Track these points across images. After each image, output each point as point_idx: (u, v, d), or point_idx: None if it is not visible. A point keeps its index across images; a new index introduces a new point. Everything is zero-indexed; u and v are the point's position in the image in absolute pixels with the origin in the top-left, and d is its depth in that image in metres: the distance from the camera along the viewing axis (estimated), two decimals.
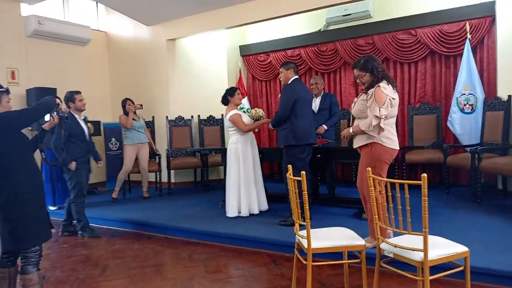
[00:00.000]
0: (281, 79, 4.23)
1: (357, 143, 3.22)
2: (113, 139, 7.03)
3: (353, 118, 3.27)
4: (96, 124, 6.68)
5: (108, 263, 3.56)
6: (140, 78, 7.09)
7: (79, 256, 3.82)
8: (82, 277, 3.27)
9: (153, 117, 6.66)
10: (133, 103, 5.88)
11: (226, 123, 4.56)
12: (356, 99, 3.24)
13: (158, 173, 6.25)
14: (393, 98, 3.00)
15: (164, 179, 6.28)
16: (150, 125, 6.63)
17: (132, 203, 5.65)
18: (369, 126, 2.97)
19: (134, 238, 4.35)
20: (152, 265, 3.47)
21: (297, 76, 4.16)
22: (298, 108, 4.02)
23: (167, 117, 6.61)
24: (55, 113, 3.88)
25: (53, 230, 4.04)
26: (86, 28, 6.91)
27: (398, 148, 3.15)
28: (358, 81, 3.17)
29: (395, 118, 3.19)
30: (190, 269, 3.31)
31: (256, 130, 4.68)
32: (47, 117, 3.84)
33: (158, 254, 3.77)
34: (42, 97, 2.82)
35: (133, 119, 5.83)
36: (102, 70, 7.45)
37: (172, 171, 6.40)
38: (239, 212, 4.48)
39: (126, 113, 5.82)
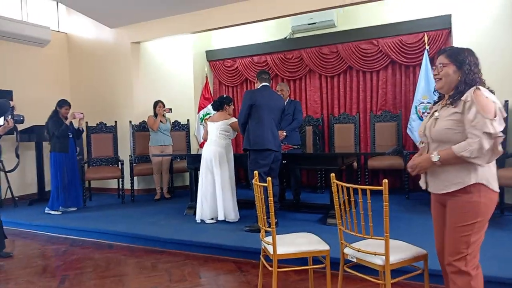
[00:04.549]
0: None
1: (446, 184, 1.99)
2: None
3: (431, 145, 2.09)
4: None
5: (67, 274, 3.41)
6: (103, 81, 6.90)
7: (36, 267, 3.63)
8: None
9: (115, 121, 6.48)
10: (163, 105, 6.07)
11: (223, 126, 4.53)
12: (436, 113, 2.08)
13: (120, 179, 6.08)
14: (500, 109, 1.90)
15: (127, 186, 6.11)
16: (112, 130, 6.45)
17: (93, 211, 5.45)
18: (479, 150, 1.83)
19: (95, 247, 4.19)
20: (114, 275, 3.35)
21: (264, 84, 4.26)
22: (254, 114, 4.08)
23: (130, 122, 6.45)
24: (9, 116, 3.71)
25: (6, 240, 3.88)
26: (46, 28, 6.65)
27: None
28: (435, 73, 2.10)
29: None
30: (154, 278, 3.23)
31: None
32: (0, 121, 3.67)
33: (120, 263, 3.65)
34: None
35: (161, 121, 6.01)
36: (62, 72, 7.17)
37: (135, 178, 6.24)
38: (225, 217, 4.43)
39: (156, 115, 6.04)
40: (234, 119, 4.59)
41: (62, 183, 5.28)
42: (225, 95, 4.97)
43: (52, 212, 5.28)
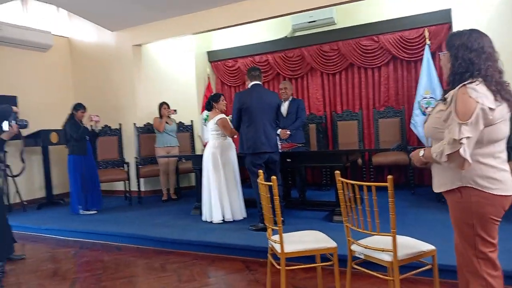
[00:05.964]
0: None
1: (437, 184, 1.92)
2: None
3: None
4: (62, 132, 6.45)
5: (77, 277, 3.45)
6: (105, 84, 6.94)
7: (46, 270, 3.67)
8: None
9: (120, 124, 6.51)
10: (168, 107, 6.13)
11: (211, 126, 4.50)
12: (429, 109, 2.03)
13: (127, 182, 6.12)
14: (490, 108, 1.68)
15: (134, 187, 6.16)
16: (117, 132, 6.48)
17: (100, 213, 5.49)
18: (441, 154, 1.72)
19: (104, 249, 4.23)
20: (123, 276, 3.39)
21: (255, 82, 4.13)
22: (245, 117, 4.03)
23: (134, 124, 6.48)
24: (13, 121, 3.71)
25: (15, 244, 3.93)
26: (47, 33, 6.69)
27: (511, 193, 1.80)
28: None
29: (502, 142, 1.79)
30: (163, 279, 3.26)
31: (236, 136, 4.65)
32: (5, 127, 3.68)
33: (129, 265, 3.69)
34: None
35: (166, 122, 6.08)
36: (64, 77, 7.22)
37: (141, 180, 6.28)
38: (223, 217, 4.44)
39: (161, 116, 6.12)
40: (219, 116, 4.43)
41: (82, 185, 5.40)
42: (212, 93, 4.85)
43: (88, 212, 5.43)
